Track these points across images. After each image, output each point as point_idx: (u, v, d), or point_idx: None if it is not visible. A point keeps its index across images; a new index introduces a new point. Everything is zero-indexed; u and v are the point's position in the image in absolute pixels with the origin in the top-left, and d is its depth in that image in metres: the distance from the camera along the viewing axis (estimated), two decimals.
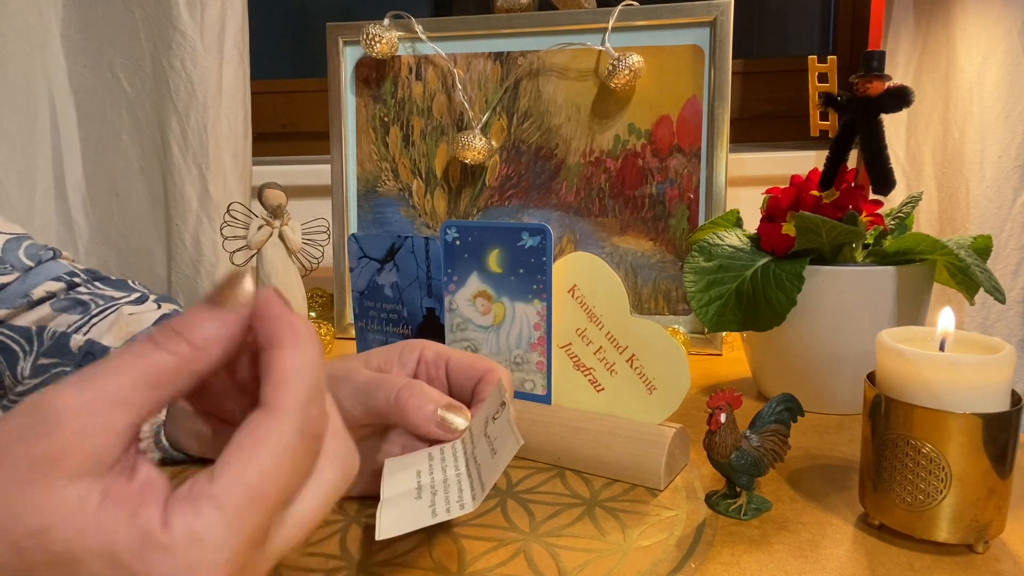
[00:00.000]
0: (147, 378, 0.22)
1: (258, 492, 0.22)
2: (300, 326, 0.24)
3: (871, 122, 0.55)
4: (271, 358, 0.24)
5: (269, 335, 0.24)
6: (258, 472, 0.22)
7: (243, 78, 0.92)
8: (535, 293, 0.51)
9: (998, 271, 0.81)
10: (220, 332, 0.24)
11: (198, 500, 0.22)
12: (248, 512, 0.22)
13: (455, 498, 0.35)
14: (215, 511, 0.21)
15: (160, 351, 0.23)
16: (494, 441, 0.36)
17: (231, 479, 0.22)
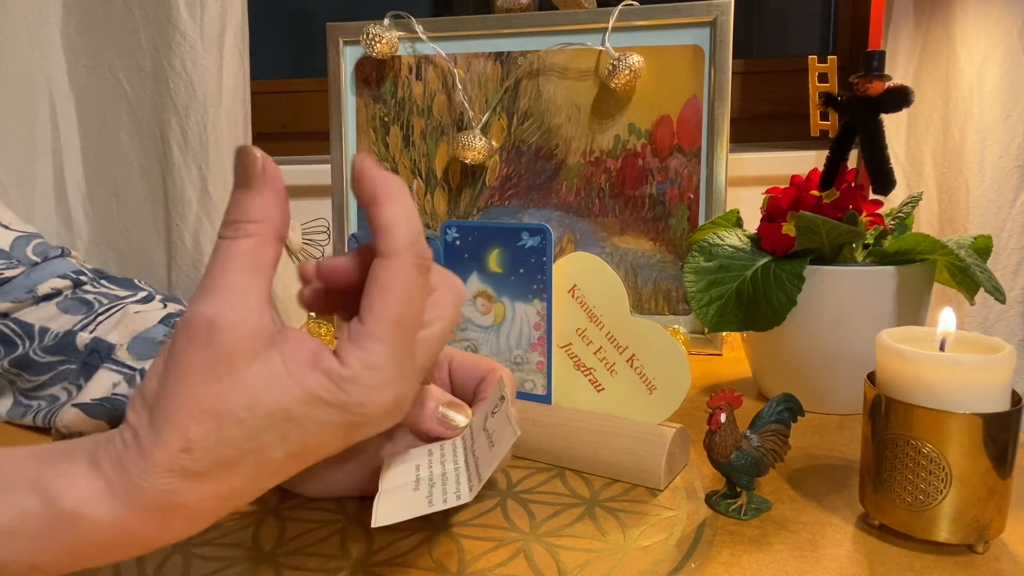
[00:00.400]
0: (248, 263, 0.27)
1: (399, 321, 0.28)
2: (391, 182, 0.30)
3: (871, 122, 0.55)
4: (374, 213, 0.29)
5: (368, 195, 0.30)
6: (395, 305, 0.28)
7: (243, 78, 0.92)
8: (535, 293, 0.51)
9: (998, 271, 0.81)
10: (267, 200, 0.28)
11: (359, 339, 0.28)
12: (397, 337, 0.28)
13: (452, 490, 0.35)
14: (375, 343, 0.28)
15: (238, 241, 0.28)
16: (492, 434, 0.37)
17: (378, 317, 0.28)
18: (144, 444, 0.26)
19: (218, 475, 0.26)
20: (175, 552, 0.39)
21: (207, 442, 0.26)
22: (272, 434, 0.27)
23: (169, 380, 0.26)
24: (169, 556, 0.39)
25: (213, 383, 0.26)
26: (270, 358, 0.27)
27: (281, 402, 0.26)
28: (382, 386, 0.28)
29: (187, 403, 0.26)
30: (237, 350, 0.26)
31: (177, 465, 0.26)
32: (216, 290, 0.27)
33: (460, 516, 0.43)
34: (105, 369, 0.51)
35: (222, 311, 0.26)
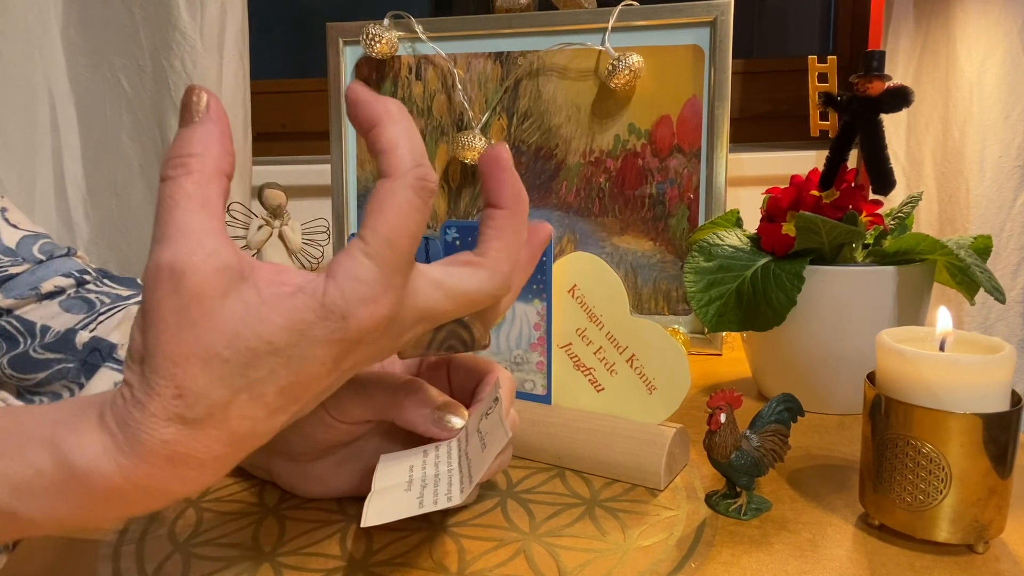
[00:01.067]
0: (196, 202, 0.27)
1: (390, 238, 0.27)
2: (390, 104, 0.29)
3: (871, 122, 0.55)
4: (374, 136, 0.29)
5: (366, 118, 0.29)
6: (387, 224, 0.27)
7: (243, 78, 0.92)
8: (535, 293, 0.51)
9: (998, 271, 0.81)
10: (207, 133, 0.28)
11: (350, 250, 0.27)
12: (388, 256, 0.27)
13: (444, 491, 0.35)
14: (365, 257, 0.27)
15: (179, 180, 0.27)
16: (485, 436, 0.37)
17: (369, 231, 0.28)
18: (139, 397, 0.26)
19: (215, 419, 0.26)
20: (175, 552, 0.39)
21: (197, 386, 0.26)
22: (260, 370, 0.26)
23: (148, 333, 0.26)
24: (169, 556, 0.39)
25: (188, 328, 0.26)
26: (243, 292, 0.26)
27: (262, 334, 0.26)
28: (366, 300, 0.27)
29: (169, 351, 0.26)
30: (205, 291, 0.26)
31: (173, 413, 0.26)
32: (170, 235, 0.26)
33: (460, 516, 0.43)
34: (107, 368, 0.51)
35: (180, 255, 0.26)
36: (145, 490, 0.27)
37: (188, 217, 0.26)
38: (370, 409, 0.40)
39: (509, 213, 0.33)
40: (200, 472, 0.27)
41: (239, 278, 0.26)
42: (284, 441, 0.42)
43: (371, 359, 0.30)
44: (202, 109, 0.28)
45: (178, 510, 0.44)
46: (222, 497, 0.45)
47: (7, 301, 0.53)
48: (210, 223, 0.27)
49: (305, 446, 0.42)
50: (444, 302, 0.30)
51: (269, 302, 0.26)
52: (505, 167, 0.33)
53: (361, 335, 0.27)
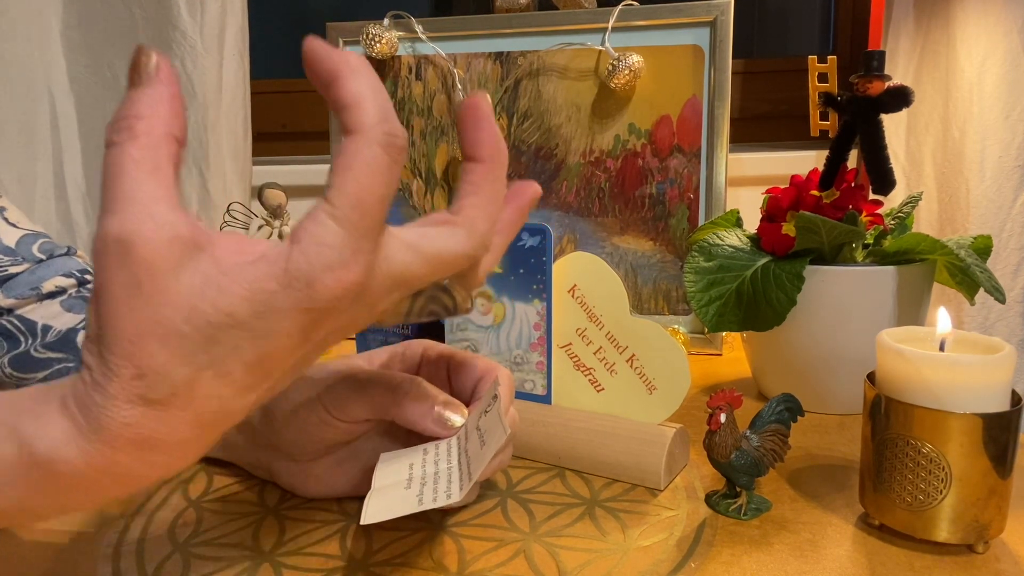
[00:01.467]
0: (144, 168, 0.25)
1: (358, 199, 0.25)
2: (352, 57, 0.27)
3: (871, 122, 0.55)
4: (335, 92, 0.26)
5: (326, 73, 0.26)
6: (354, 184, 0.25)
7: (243, 78, 0.92)
8: (535, 293, 0.51)
9: (998, 271, 0.81)
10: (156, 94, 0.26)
11: (315, 214, 0.25)
12: (354, 215, 0.25)
13: (443, 489, 0.35)
14: (331, 220, 0.25)
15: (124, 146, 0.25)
16: (484, 434, 0.37)
17: (335, 192, 0.25)
18: (98, 379, 0.25)
19: (179, 399, 0.25)
20: (175, 552, 0.39)
21: (156, 365, 0.24)
22: (223, 344, 0.25)
23: (101, 311, 0.25)
24: (169, 556, 0.39)
25: (142, 303, 0.24)
26: (199, 263, 0.24)
27: (222, 307, 0.24)
28: (334, 267, 0.25)
29: (124, 330, 0.24)
30: (156, 263, 0.24)
31: (134, 394, 0.24)
32: (117, 204, 0.24)
33: (460, 516, 0.43)
34: None
35: (127, 226, 0.24)
36: (111, 476, 0.26)
37: (135, 185, 0.24)
38: (370, 408, 0.40)
39: (487, 168, 0.31)
40: (168, 456, 0.26)
41: (194, 248, 0.25)
42: (284, 441, 0.42)
43: (345, 330, 0.28)
44: (151, 70, 0.26)
45: (178, 510, 0.44)
46: (222, 497, 0.45)
47: (8, 301, 0.53)
48: (159, 190, 0.25)
49: (305, 446, 0.42)
50: (419, 266, 0.28)
51: (229, 272, 0.25)
52: (484, 117, 0.31)
53: (330, 304, 0.25)
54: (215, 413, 0.26)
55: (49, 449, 0.25)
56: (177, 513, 0.43)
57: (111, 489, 0.26)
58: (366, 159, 0.26)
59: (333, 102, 0.26)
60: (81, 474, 0.25)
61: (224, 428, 0.27)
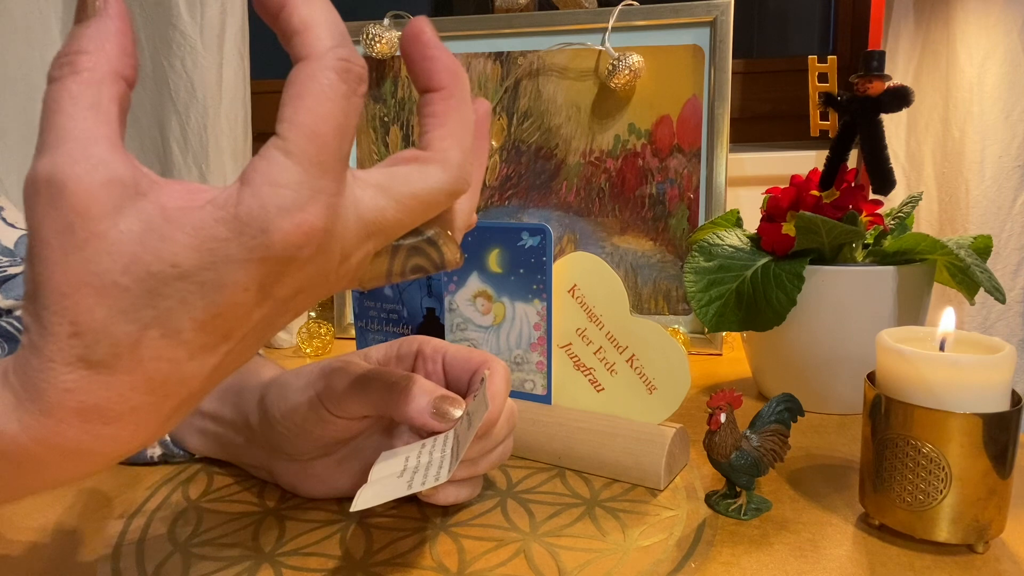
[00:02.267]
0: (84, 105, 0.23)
1: (312, 130, 0.23)
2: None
3: (871, 122, 0.55)
4: (284, 17, 0.24)
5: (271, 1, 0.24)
6: (307, 112, 0.23)
7: (243, 78, 0.92)
8: (535, 293, 0.51)
9: (998, 271, 0.81)
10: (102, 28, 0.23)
11: (266, 151, 0.23)
12: (313, 153, 0.23)
13: (433, 473, 0.36)
14: (281, 154, 0.23)
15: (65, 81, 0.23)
16: (471, 416, 0.37)
17: (286, 126, 0.23)
18: (35, 340, 0.22)
19: (124, 361, 0.22)
20: (175, 552, 0.39)
21: (94, 321, 0.22)
22: (168, 298, 0.22)
23: (33, 261, 0.22)
24: (169, 556, 0.39)
25: (75, 251, 0.22)
26: (140, 208, 0.22)
27: (164, 255, 0.22)
28: (291, 208, 0.22)
29: (56, 280, 0.22)
30: (91, 208, 0.21)
31: (73, 356, 0.22)
32: (49, 143, 0.22)
33: (460, 516, 0.43)
34: None
35: (60, 165, 0.22)
36: (60, 452, 0.23)
37: (71, 122, 0.22)
38: (367, 404, 0.40)
39: (447, 93, 0.28)
40: (121, 427, 0.23)
41: (135, 193, 0.22)
42: (284, 440, 0.42)
43: (316, 288, 0.25)
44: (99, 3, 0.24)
45: (178, 510, 0.44)
46: (222, 497, 0.45)
47: (7, 301, 0.53)
48: (99, 129, 0.22)
49: (305, 444, 0.42)
50: (393, 209, 0.26)
51: (173, 219, 0.22)
52: (430, 43, 0.28)
53: (288, 252, 0.23)
54: (167, 377, 0.23)
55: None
56: (177, 513, 0.43)
57: (64, 468, 0.24)
58: (320, 85, 0.23)
59: (282, 30, 0.24)
60: (24, 449, 0.23)
61: (183, 396, 0.24)
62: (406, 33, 0.28)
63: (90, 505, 0.44)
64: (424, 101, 0.28)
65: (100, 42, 0.23)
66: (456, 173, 0.27)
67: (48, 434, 0.23)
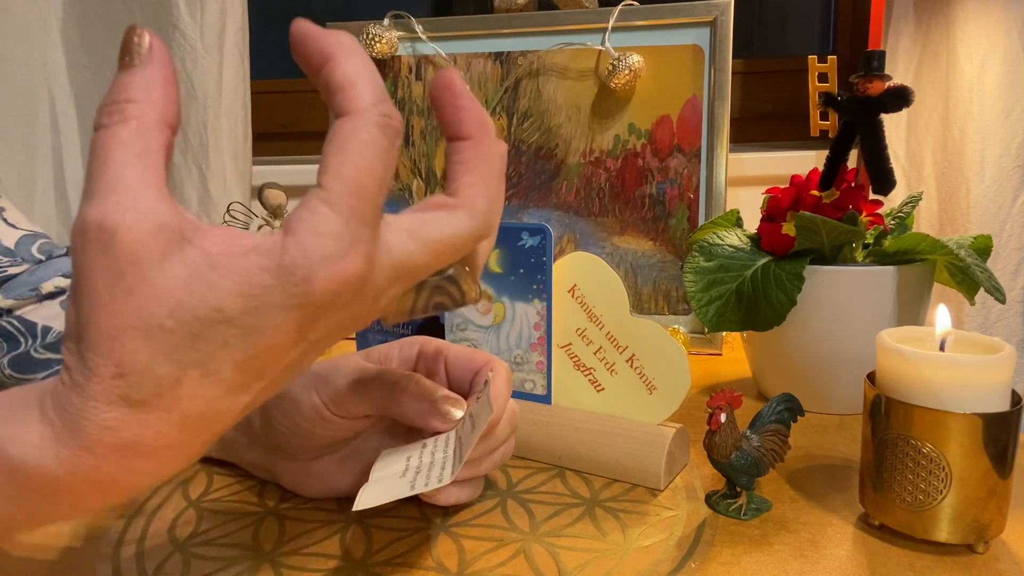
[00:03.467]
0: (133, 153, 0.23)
1: (355, 183, 0.24)
2: (343, 37, 0.26)
3: (871, 122, 0.55)
4: (328, 73, 0.25)
5: (318, 54, 0.25)
6: (351, 167, 0.24)
7: (243, 78, 0.92)
8: (535, 293, 0.51)
9: (998, 271, 0.81)
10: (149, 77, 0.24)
11: (309, 202, 0.24)
12: (354, 204, 0.24)
13: (436, 475, 0.36)
14: (327, 207, 0.24)
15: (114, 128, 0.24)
16: (475, 418, 0.37)
17: (330, 177, 0.24)
18: (77, 379, 0.23)
19: (164, 400, 0.23)
20: (175, 552, 0.39)
21: (138, 363, 0.23)
22: (211, 342, 0.23)
23: (80, 303, 0.23)
24: (169, 556, 0.39)
25: (124, 296, 0.22)
26: (187, 255, 0.23)
27: (210, 301, 0.23)
28: (332, 258, 0.23)
29: (104, 324, 0.23)
30: (140, 254, 0.22)
31: (115, 395, 0.23)
32: (101, 190, 0.23)
33: (460, 516, 0.43)
34: None
35: (111, 212, 0.22)
36: (94, 484, 0.24)
37: (122, 170, 0.23)
38: (369, 404, 0.40)
39: (475, 142, 0.29)
40: (154, 462, 0.24)
41: (181, 239, 0.23)
42: (284, 440, 0.42)
43: (344, 328, 0.26)
44: (143, 51, 0.24)
45: (178, 510, 0.44)
46: (222, 497, 0.45)
47: (7, 301, 0.53)
48: (148, 177, 0.23)
49: (305, 444, 0.42)
50: (422, 254, 0.27)
51: (218, 265, 0.23)
52: (460, 93, 0.29)
53: (327, 299, 0.24)
54: (203, 415, 0.24)
55: (24, 454, 0.23)
56: (177, 513, 0.43)
57: (95, 498, 0.25)
58: (363, 140, 0.24)
59: (325, 84, 0.25)
60: (59, 481, 0.23)
61: (215, 432, 0.25)
62: (437, 82, 0.29)
63: None
64: (453, 149, 0.29)
65: (147, 91, 0.24)
66: (482, 219, 0.29)
67: (85, 468, 0.23)
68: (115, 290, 0.22)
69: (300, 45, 0.25)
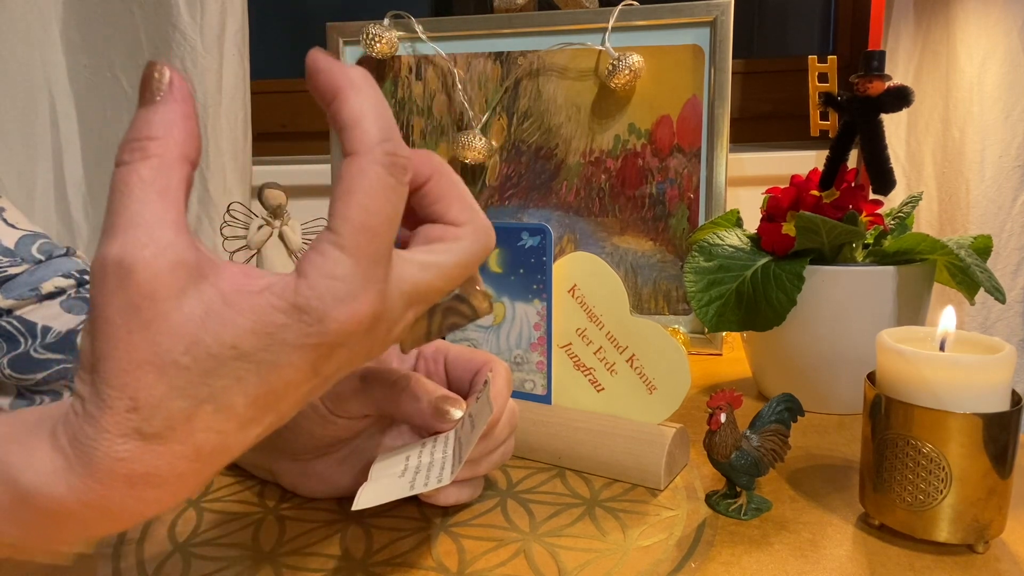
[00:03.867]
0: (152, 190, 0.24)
1: (364, 224, 0.24)
2: (353, 73, 0.26)
3: (871, 122, 0.55)
4: (335, 109, 0.25)
5: (326, 89, 0.25)
6: (359, 209, 0.24)
7: (243, 78, 0.92)
8: (535, 293, 0.51)
9: (998, 271, 0.81)
10: (169, 115, 0.25)
11: (320, 246, 0.24)
12: (364, 245, 0.24)
13: (435, 475, 0.36)
14: (337, 250, 0.24)
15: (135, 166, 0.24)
16: (474, 418, 0.37)
17: (338, 220, 0.25)
18: (91, 411, 0.23)
19: (177, 433, 0.23)
20: (175, 552, 0.39)
21: (153, 397, 0.23)
22: (225, 377, 0.23)
23: (96, 337, 0.23)
24: (169, 556, 0.39)
25: (140, 331, 0.23)
26: (202, 292, 0.23)
27: (225, 338, 0.23)
28: (345, 299, 0.24)
29: (119, 358, 0.23)
30: (157, 290, 0.23)
31: (129, 428, 0.23)
32: (120, 226, 0.23)
33: (460, 516, 0.43)
34: None
35: (129, 248, 0.23)
36: (103, 512, 0.24)
37: (142, 207, 0.23)
38: (368, 403, 0.40)
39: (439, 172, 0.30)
40: (164, 492, 0.25)
41: (198, 276, 0.24)
42: (284, 440, 0.42)
43: (358, 360, 0.27)
44: (164, 87, 0.25)
45: (178, 510, 0.44)
46: (222, 497, 0.45)
47: (7, 302, 0.53)
48: (167, 214, 0.24)
49: (306, 444, 0.42)
50: (437, 281, 0.28)
51: (232, 303, 0.23)
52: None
53: (340, 338, 0.24)
54: (215, 448, 0.25)
55: (35, 483, 0.23)
56: (177, 513, 0.43)
57: (102, 526, 0.25)
58: (369, 181, 0.25)
59: (333, 119, 0.26)
60: (69, 510, 0.24)
61: (224, 463, 0.26)
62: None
63: None
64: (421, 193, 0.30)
65: (168, 127, 0.24)
66: (486, 232, 0.30)
67: (95, 498, 0.24)
68: (131, 324, 0.23)
69: (313, 77, 0.26)
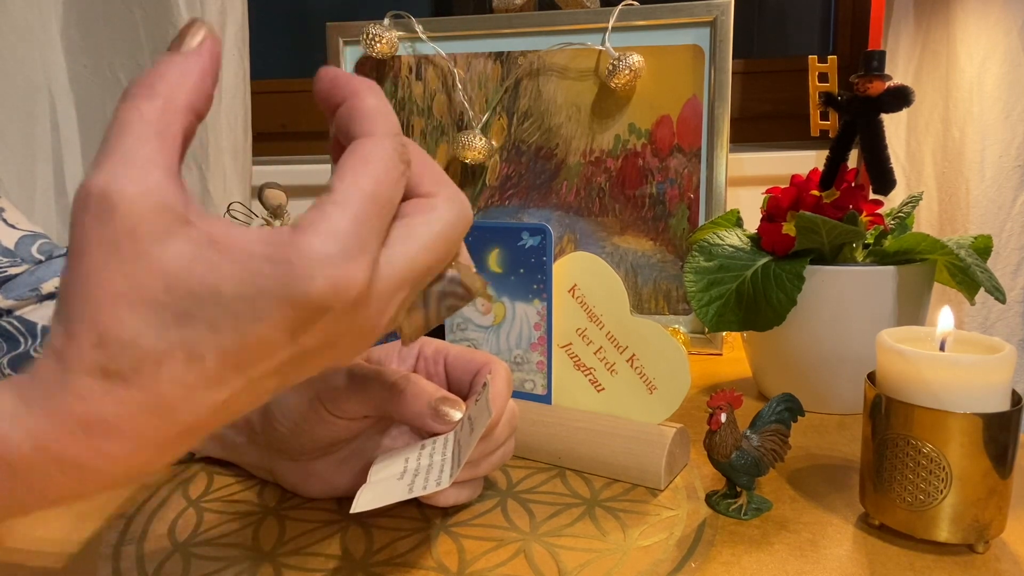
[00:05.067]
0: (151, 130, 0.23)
1: (371, 194, 0.25)
2: (368, 81, 0.27)
3: (871, 122, 0.55)
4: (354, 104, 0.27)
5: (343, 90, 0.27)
6: (370, 178, 0.25)
7: (243, 78, 0.92)
8: (535, 293, 0.51)
9: (998, 271, 0.81)
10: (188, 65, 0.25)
11: (321, 204, 0.24)
12: (366, 211, 0.24)
13: (434, 478, 0.36)
14: (338, 209, 0.24)
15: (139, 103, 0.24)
16: (474, 421, 0.37)
17: (348, 185, 0.25)
18: (56, 345, 0.23)
19: (142, 377, 0.22)
20: (175, 552, 0.39)
21: (123, 333, 0.22)
22: (201, 323, 0.23)
23: (71, 268, 0.23)
24: (169, 556, 0.39)
25: (117, 265, 0.22)
26: (189, 233, 0.23)
27: (208, 280, 0.22)
28: (337, 260, 0.23)
29: (92, 290, 0.22)
30: (140, 229, 0.22)
31: (93, 364, 0.22)
32: (110, 159, 0.23)
33: (460, 516, 0.43)
34: None
35: (116, 182, 0.22)
36: (59, 464, 0.23)
37: (137, 144, 0.23)
38: (367, 404, 0.40)
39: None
40: (120, 446, 0.23)
41: (185, 222, 0.23)
42: (284, 440, 0.42)
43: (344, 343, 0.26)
44: (194, 43, 0.25)
45: (178, 510, 0.44)
46: (222, 497, 0.45)
47: (7, 302, 0.53)
48: (160, 157, 0.23)
49: (305, 444, 0.42)
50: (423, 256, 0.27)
51: (221, 247, 0.23)
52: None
53: (325, 301, 0.23)
54: (178, 403, 0.23)
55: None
56: (177, 513, 0.43)
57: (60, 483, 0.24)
58: (387, 154, 0.25)
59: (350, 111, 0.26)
60: (26, 459, 0.23)
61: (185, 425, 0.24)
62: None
63: (90, 505, 0.44)
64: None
65: (182, 75, 0.24)
66: (461, 201, 0.29)
67: (50, 442, 0.23)
68: (108, 259, 0.22)
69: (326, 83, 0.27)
